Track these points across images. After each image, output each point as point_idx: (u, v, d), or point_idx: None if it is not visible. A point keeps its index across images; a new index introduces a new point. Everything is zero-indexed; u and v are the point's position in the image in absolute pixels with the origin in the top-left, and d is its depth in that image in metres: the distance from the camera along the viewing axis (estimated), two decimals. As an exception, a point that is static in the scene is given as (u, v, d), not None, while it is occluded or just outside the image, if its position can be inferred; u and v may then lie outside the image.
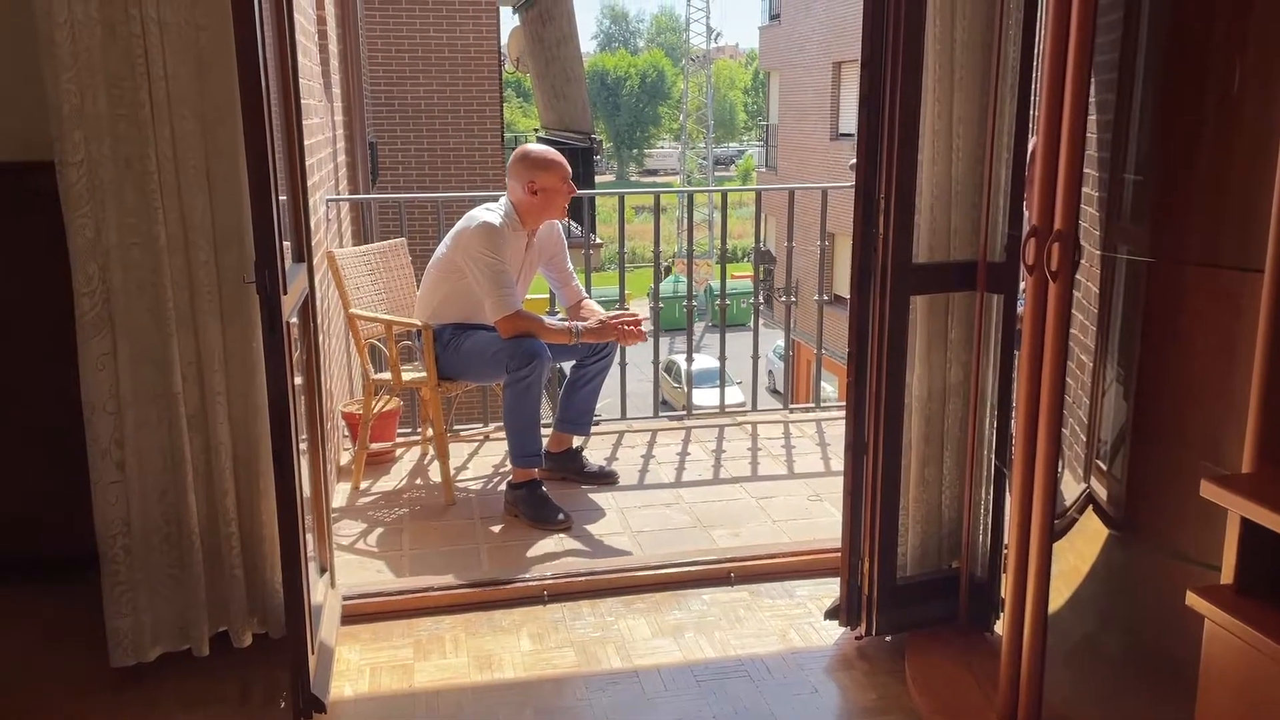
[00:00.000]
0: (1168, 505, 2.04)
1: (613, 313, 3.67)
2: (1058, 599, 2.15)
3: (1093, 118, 1.95)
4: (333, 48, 5.26)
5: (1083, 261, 2.04)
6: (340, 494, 3.65)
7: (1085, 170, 1.96)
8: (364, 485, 3.76)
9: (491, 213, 3.49)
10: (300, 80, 2.63)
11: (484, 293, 3.43)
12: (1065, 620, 2.22)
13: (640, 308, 4.73)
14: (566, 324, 3.58)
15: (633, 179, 50.04)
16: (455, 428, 4.38)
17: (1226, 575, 1.52)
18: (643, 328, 3.65)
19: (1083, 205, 1.97)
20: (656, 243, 4.66)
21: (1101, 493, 2.19)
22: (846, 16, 17.85)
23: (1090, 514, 2.23)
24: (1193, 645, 1.53)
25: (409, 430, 4.32)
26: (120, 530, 2.36)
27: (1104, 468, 2.19)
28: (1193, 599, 1.51)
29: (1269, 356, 1.52)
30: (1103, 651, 2.26)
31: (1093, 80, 1.88)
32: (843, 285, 14.46)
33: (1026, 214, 2.16)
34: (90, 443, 2.32)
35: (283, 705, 2.38)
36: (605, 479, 3.79)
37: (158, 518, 2.39)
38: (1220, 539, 1.53)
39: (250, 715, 2.38)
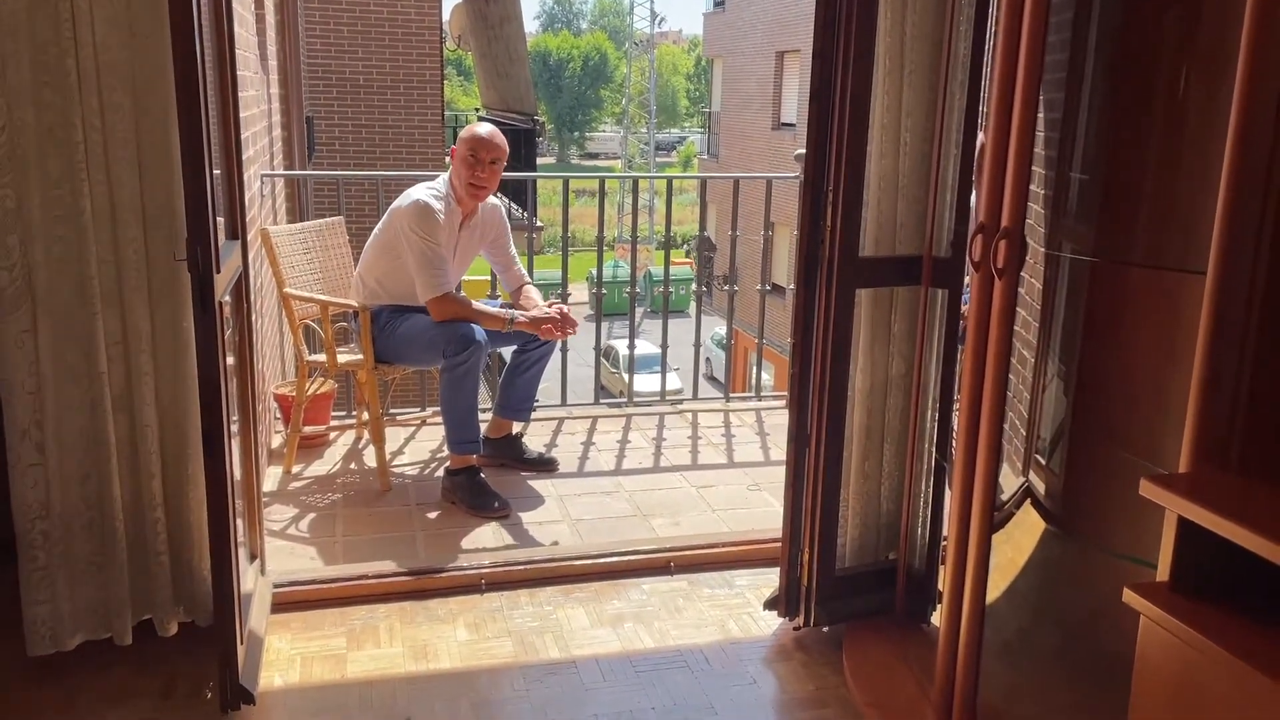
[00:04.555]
0: (1105, 502, 2.07)
1: (546, 308, 3.59)
2: (994, 592, 2.18)
3: (1041, 116, 1.96)
4: (270, 18, 5.11)
5: (1027, 259, 2.05)
6: (271, 478, 3.57)
7: (1033, 168, 1.97)
8: (296, 469, 3.67)
9: (427, 191, 3.45)
10: (236, 50, 2.54)
11: (415, 273, 3.38)
12: (1001, 613, 2.25)
13: (580, 292, 4.69)
14: (503, 311, 3.51)
15: (574, 162, 49.78)
16: (392, 412, 4.30)
17: (1162, 573, 1.54)
18: (572, 315, 3.60)
19: (1029, 203, 1.98)
20: (600, 228, 4.62)
21: (1040, 487, 2.22)
22: (790, 6, 17.93)
23: (1028, 508, 2.26)
24: (1128, 641, 1.55)
25: (344, 414, 4.24)
26: (39, 515, 2.27)
27: (1043, 463, 2.22)
28: (1129, 595, 1.53)
29: (1208, 358, 1.54)
30: (1038, 645, 2.29)
31: (1042, 79, 1.89)
32: (781, 274, 14.50)
33: (974, 209, 2.17)
34: (8, 423, 2.23)
35: (209, 696, 2.31)
36: (545, 466, 3.75)
37: (79, 502, 2.30)
38: (1156, 537, 1.55)
39: (175, 707, 2.31)
